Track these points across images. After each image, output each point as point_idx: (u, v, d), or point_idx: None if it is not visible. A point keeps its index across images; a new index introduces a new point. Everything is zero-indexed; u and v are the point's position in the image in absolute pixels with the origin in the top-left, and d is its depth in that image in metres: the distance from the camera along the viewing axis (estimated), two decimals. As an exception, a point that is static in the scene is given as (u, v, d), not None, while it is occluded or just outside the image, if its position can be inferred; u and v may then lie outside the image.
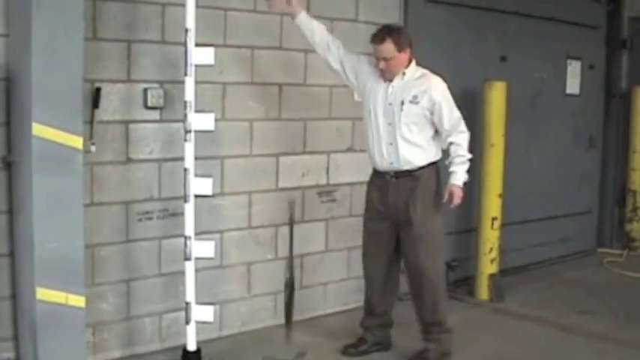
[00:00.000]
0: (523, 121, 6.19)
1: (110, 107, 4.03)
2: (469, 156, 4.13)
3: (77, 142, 3.50)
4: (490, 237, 5.55)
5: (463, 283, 5.79)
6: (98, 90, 3.92)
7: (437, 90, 4.06)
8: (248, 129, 4.64)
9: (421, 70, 4.15)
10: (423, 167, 4.09)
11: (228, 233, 4.61)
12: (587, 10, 6.86)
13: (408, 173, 4.09)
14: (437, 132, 4.14)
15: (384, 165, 4.15)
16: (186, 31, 3.75)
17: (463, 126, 4.13)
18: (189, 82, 3.79)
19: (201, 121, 3.83)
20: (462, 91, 5.75)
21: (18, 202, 3.65)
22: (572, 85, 6.80)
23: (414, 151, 4.08)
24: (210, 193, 3.92)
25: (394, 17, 5.27)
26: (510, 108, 5.60)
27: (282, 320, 4.90)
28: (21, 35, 3.48)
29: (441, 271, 4.33)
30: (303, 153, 4.90)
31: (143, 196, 4.23)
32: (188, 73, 3.78)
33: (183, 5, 3.74)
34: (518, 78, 6.02)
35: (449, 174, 4.13)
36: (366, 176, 4.93)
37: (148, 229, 4.26)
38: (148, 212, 4.25)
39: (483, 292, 5.59)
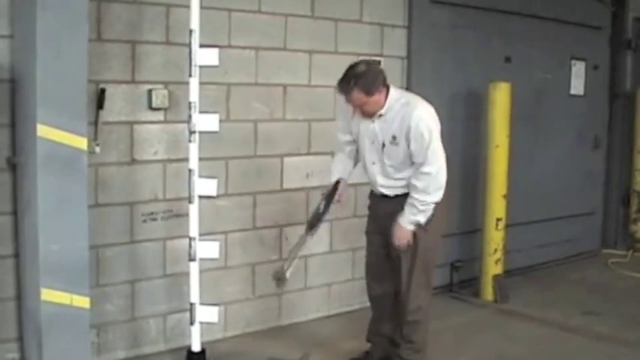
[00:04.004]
0: (528, 121, 6.17)
1: (115, 108, 4.02)
2: (422, 198, 3.72)
3: (82, 143, 3.49)
4: (494, 238, 5.53)
5: (468, 283, 5.78)
6: (103, 91, 3.91)
7: (412, 123, 3.69)
8: (252, 130, 4.63)
9: (400, 101, 3.76)
10: None
11: (233, 234, 4.60)
12: (592, 10, 6.83)
13: (401, 194, 3.87)
14: None
15: (376, 189, 4.00)
16: (191, 32, 3.73)
17: (431, 167, 3.69)
18: (194, 83, 3.78)
19: (206, 122, 3.81)
20: (466, 91, 5.76)
21: (23, 203, 3.64)
22: (577, 86, 6.77)
23: (403, 185, 3.85)
24: (214, 194, 3.91)
25: (399, 18, 5.26)
26: (515, 109, 5.57)
27: (287, 321, 4.88)
28: (25, 36, 3.47)
29: (425, 292, 3.98)
30: (308, 154, 4.88)
31: (148, 197, 4.22)
32: (192, 74, 3.77)
33: (188, 6, 3.72)
34: (523, 79, 6.01)
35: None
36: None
37: (153, 230, 4.25)
38: (152, 213, 4.24)
39: (488, 292, 5.56)
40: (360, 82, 3.67)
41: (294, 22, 4.72)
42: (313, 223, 4.01)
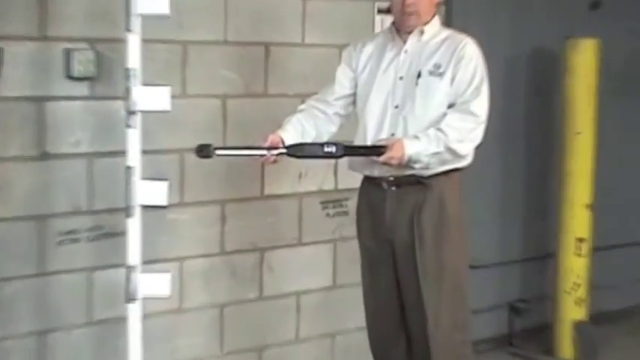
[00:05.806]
0: (622, 98, 6.20)
1: (16, 77, 4.02)
2: (451, 139, 3.81)
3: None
4: (575, 267, 5.56)
5: (535, 334, 5.82)
6: (-1, 51, 3.91)
7: (466, 53, 3.93)
8: (220, 109, 4.65)
9: (447, 31, 4.07)
10: (438, 173, 3.90)
11: (192, 261, 4.62)
12: None
13: (415, 180, 3.89)
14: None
15: (380, 167, 3.95)
16: (129, -36, 3.72)
17: (480, 110, 3.88)
18: (133, 41, 3.75)
19: (152, 98, 3.78)
20: (531, 53, 5.78)
21: None
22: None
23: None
24: (164, 202, 3.87)
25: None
26: (604, 79, 5.59)
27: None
28: None
29: (462, 335, 4.05)
30: (301, 144, 4.88)
31: (65, 208, 4.22)
32: (131, 27, 3.74)
33: None
34: (616, 33, 6.02)
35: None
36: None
37: (73, 256, 4.25)
38: (72, 231, 4.24)
39: (565, 347, 5.59)
40: None
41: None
42: (298, 151, 4.00)
